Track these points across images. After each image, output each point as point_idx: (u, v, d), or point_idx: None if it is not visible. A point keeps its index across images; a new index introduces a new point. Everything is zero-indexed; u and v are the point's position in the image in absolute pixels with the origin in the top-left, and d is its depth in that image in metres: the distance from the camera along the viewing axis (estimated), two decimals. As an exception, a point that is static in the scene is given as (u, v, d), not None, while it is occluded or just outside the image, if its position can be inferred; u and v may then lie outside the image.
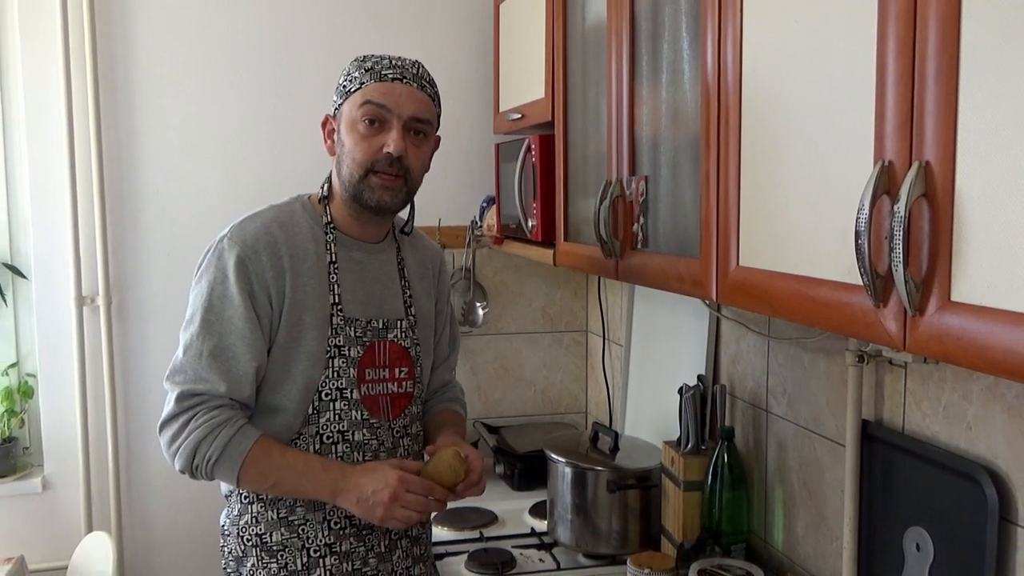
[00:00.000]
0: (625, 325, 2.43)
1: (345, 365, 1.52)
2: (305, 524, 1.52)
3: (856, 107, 0.93)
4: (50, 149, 2.44)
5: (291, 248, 1.50)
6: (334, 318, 1.52)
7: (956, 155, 0.79)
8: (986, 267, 0.77)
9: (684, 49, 1.36)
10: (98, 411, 2.52)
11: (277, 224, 1.51)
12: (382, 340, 1.57)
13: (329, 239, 1.54)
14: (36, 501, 2.50)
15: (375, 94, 1.47)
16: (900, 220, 0.82)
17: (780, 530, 1.74)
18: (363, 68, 1.50)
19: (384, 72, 1.48)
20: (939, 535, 1.27)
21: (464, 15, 2.65)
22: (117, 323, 2.52)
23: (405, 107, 1.48)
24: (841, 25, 0.96)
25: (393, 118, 1.47)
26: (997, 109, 0.75)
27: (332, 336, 1.51)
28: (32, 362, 2.52)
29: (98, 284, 2.49)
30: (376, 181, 1.49)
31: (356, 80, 1.49)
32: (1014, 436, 1.17)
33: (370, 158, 1.47)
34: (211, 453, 1.42)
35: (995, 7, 0.75)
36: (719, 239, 1.23)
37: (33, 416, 2.54)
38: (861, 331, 0.93)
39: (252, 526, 1.53)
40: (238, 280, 1.45)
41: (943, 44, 0.80)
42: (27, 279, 2.50)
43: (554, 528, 1.97)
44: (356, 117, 1.48)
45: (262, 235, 1.49)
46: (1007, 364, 0.74)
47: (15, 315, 2.52)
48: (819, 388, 1.60)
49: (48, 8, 2.40)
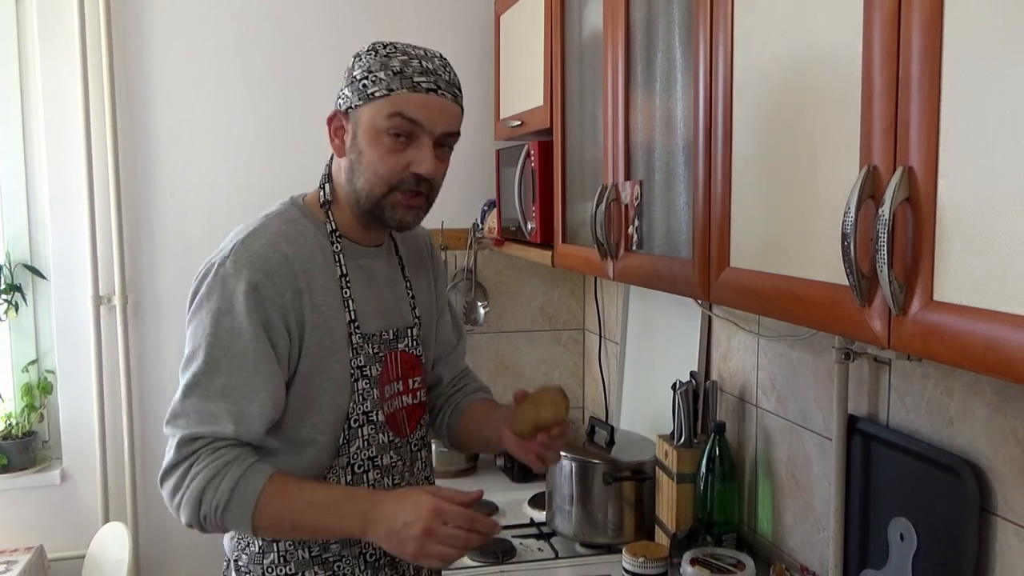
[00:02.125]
0: (620, 324, 2.43)
1: (368, 386, 1.34)
2: (340, 561, 1.34)
3: (842, 115, 0.93)
4: (68, 155, 2.45)
5: (303, 264, 1.29)
6: (353, 337, 1.32)
7: (938, 161, 0.79)
8: (967, 268, 0.77)
9: (677, 59, 1.36)
10: (114, 406, 2.52)
11: (283, 238, 1.29)
12: (393, 351, 1.39)
13: (336, 249, 1.34)
14: (55, 493, 2.50)
15: (408, 107, 1.25)
16: (885, 223, 0.82)
17: (769, 520, 1.74)
18: (390, 69, 1.26)
19: (417, 80, 1.26)
20: (922, 525, 1.27)
21: (466, 26, 2.65)
22: (133, 322, 2.53)
23: (438, 123, 1.28)
24: (828, 36, 0.96)
25: (424, 134, 1.27)
26: (977, 117, 0.75)
27: (354, 357, 1.32)
28: (51, 359, 2.52)
29: (114, 284, 2.49)
30: (399, 200, 1.29)
31: (383, 83, 1.26)
32: (994, 431, 1.17)
33: (396, 175, 1.28)
34: (218, 499, 1.20)
35: (975, 21, 0.75)
36: (711, 241, 1.23)
37: (52, 411, 2.55)
38: (847, 329, 0.93)
39: (280, 566, 1.33)
40: (249, 309, 1.23)
41: (926, 56, 0.80)
42: (46, 279, 2.50)
43: (552, 519, 1.98)
44: (382, 128, 1.26)
45: (272, 254, 1.27)
46: (988, 361, 0.74)
47: (35, 314, 2.52)
48: (807, 384, 1.60)
49: (66, 21, 2.40)
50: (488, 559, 1.87)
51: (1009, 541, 1.15)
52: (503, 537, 1.98)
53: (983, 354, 0.74)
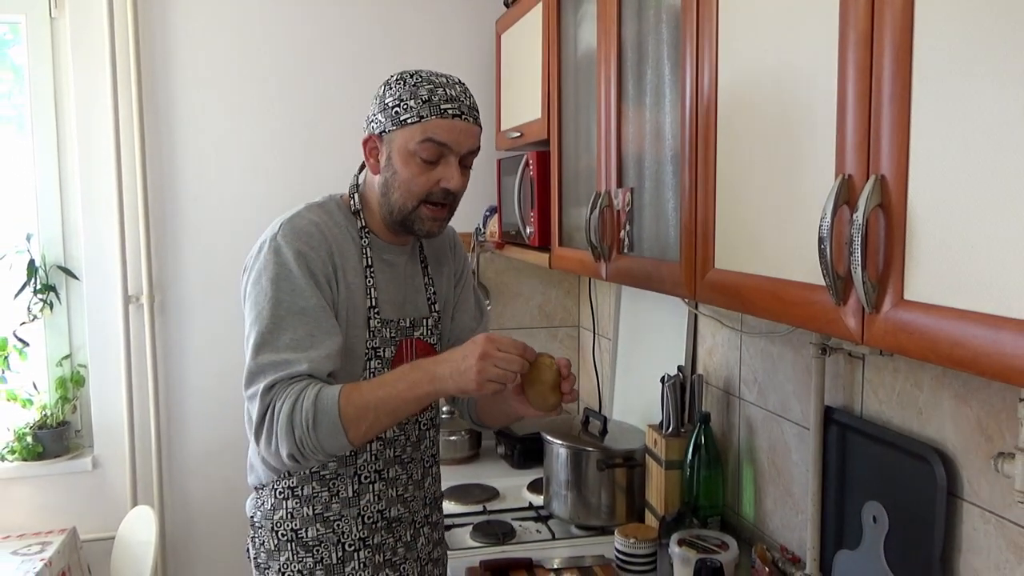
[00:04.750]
0: (613, 321, 2.43)
1: (380, 366, 1.41)
2: (340, 520, 1.41)
3: (819, 127, 0.93)
4: (99, 165, 2.45)
5: (338, 246, 1.38)
6: (371, 321, 1.40)
7: (908, 170, 0.79)
8: (935, 269, 0.77)
9: (665, 75, 1.36)
10: (142, 397, 2.52)
11: (323, 223, 1.38)
12: (409, 338, 1.45)
13: (364, 243, 1.42)
14: (87, 478, 2.50)
15: (437, 132, 1.33)
16: (859, 228, 0.82)
17: (751, 504, 1.74)
18: (419, 98, 1.33)
19: (444, 107, 1.33)
20: (893, 509, 1.27)
21: (470, 44, 2.65)
22: (159, 319, 2.53)
23: (463, 144, 1.36)
24: (806, 53, 0.96)
25: (452, 154, 1.35)
26: (945, 129, 0.75)
27: (370, 339, 1.39)
28: (83, 354, 2.52)
29: (142, 284, 2.49)
30: (427, 212, 1.38)
31: (413, 111, 1.33)
32: (960, 420, 1.17)
33: (426, 191, 1.36)
34: (305, 418, 1.23)
35: (943, 40, 0.75)
36: (697, 244, 1.23)
37: (84, 402, 2.54)
38: (824, 326, 0.93)
39: (287, 521, 1.41)
40: (303, 271, 1.31)
41: (897, 71, 0.80)
42: (79, 280, 2.50)
43: (549, 502, 1.97)
44: (415, 150, 1.34)
45: (314, 232, 1.35)
46: (954, 356, 0.74)
47: (68, 312, 2.52)
48: (786, 377, 1.60)
49: (97, 39, 2.40)
50: (490, 540, 1.87)
51: (974, 523, 1.15)
52: (504, 520, 1.99)
53: (949, 349, 0.74)
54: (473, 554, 1.80)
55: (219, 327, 2.54)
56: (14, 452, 2.44)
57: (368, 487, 1.43)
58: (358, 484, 1.42)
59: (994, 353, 0.69)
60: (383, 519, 1.45)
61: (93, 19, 2.40)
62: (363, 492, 1.43)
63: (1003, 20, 0.69)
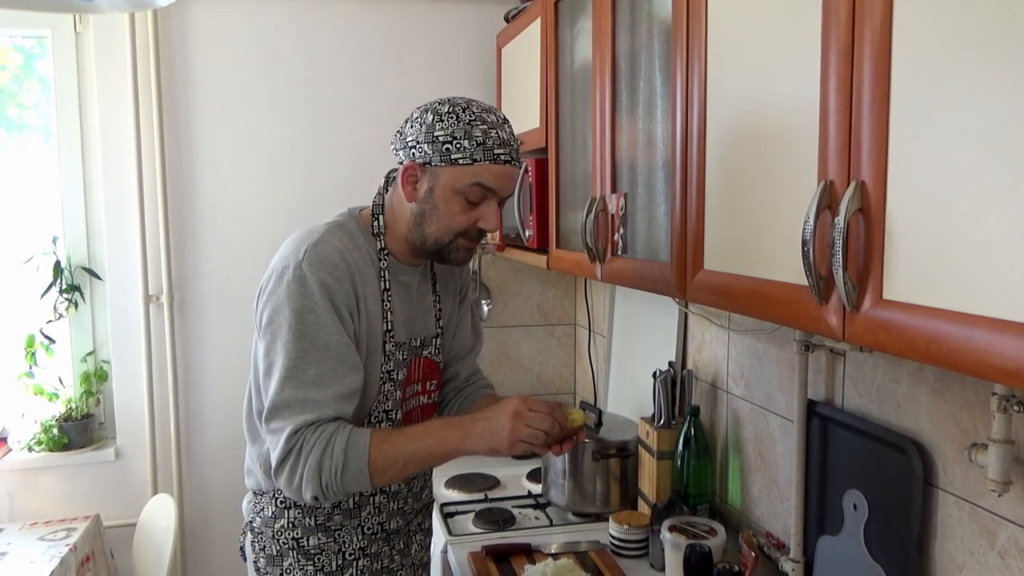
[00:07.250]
0: (608, 319, 2.42)
1: (393, 389, 1.36)
2: (341, 530, 1.38)
3: (802, 134, 0.93)
4: (122, 172, 2.45)
5: (360, 274, 1.29)
6: (387, 345, 1.33)
7: (887, 176, 0.79)
8: (912, 270, 0.77)
9: (657, 87, 1.36)
10: (162, 391, 2.52)
11: (346, 249, 1.29)
12: (418, 357, 1.41)
13: (383, 266, 1.34)
14: (110, 468, 2.50)
15: (487, 177, 1.26)
16: (840, 231, 0.82)
17: (738, 493, 1.74)
18: (473, 139, 1.24)
19: (497, 152, 1.26)
20: (873, 497, 1.27)
21: (472, 57, 2.65)
22: (179, 317, 2.52)
23: (508, 189, 1.30)
24: (790, 67, 0.96)
25: (495, 198, 1.29)
26: (922, 137, 0.75)
27: (384, 363, 1.33)
28: (106, 350, 2.52)
29: (162, 284, 2.49)
30: (463, 244, 1.32)
31: (467, 152, 1.24)
32: (936, 413, 1.17)
33: (464, 228, 1.30)
34: (335, 465, 1.19)
35: (920, 52, 0.75)
36: (687, 246, 1.23)
37: (107, 396, 2.54)
38: (807, 324, 0.93)
39: (289, 530, 1.37)
40: (327, 304, 1.23)
41: (876, 83, 0.80)
42: (102, 280, 2.50)
43: (547, 491, 1.97)
44: (462, 190, 1.26)
45: (339, 262, 1.26)
46: (930, 352, 0.74)
47: (92, 311, 2.52)
48: (771, 372, 1.60)
49: (120, 55, 2.41)
50: (491, 526, 1.86)
51: (949, 511, 1.15)
52: (504, 507, 1.99)
53: (926, 346, 0.74)
54: (475, 540, 1.80)
55: (234, 325, 2.54)
56: (41, 443, 2.44)
57: (369, 499, 1.41)
58: (360, 496, 1.40)
59: (968, 350, 0.69)
60: (382, 530, 1.43)
61: (116, 34, 2.40)
62: (364, 504, 1.40)
63: (976, 35, 0.68)
